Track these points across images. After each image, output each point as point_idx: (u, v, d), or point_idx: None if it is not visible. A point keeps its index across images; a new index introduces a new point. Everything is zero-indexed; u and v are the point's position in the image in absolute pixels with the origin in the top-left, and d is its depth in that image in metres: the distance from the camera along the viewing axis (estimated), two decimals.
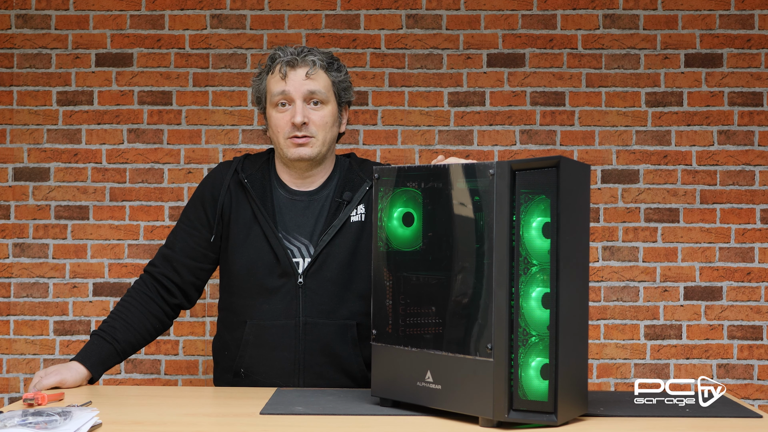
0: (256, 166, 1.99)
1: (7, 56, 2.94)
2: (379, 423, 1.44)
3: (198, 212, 1.97)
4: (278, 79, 1.91)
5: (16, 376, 2.91)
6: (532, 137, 2.93)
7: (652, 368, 2.89)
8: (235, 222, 1.94)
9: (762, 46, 2.92)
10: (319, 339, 1.90)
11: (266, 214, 1.91)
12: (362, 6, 2.94)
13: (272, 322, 1.91)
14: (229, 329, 1.98)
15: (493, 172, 1.38)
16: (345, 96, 1.98)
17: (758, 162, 2.91)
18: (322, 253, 1.90)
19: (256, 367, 1.92)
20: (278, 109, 1.91)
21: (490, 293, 1.37)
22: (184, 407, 1.60)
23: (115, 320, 1.90)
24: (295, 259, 1.91)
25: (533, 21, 2.94)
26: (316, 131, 1.90)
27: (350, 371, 1.93)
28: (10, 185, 2.94)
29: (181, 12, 2.95)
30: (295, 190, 1.96)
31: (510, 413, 1.37)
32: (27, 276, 2.92)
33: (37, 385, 1.70)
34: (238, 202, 1.95)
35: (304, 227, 1.94)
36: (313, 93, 1.90)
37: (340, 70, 1.96)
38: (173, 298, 1.96)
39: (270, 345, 1.91)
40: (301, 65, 1.90)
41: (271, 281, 1.91)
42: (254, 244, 1.92)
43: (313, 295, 1.90)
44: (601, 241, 2.92)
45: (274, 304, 1.91)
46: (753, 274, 2.90)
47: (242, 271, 1.93)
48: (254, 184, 1.94)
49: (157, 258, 1.98)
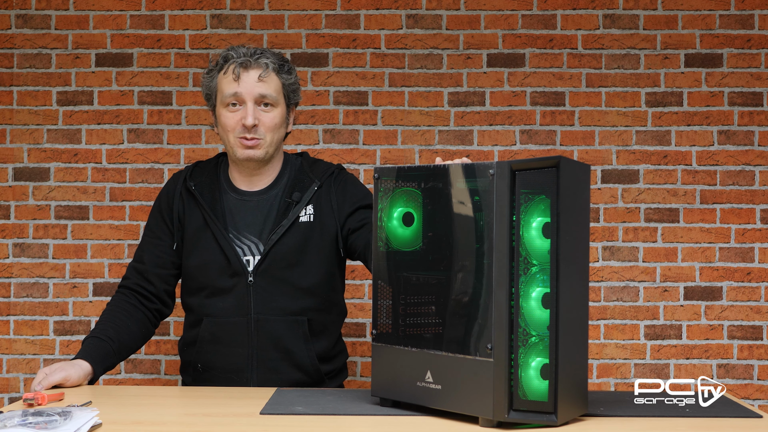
0: (205, 172, 2.06)
1: (7, 56, 2.94)
2: (379, 423, 1.44)
3: (159, 223, 2.05)
4: (231, 80, 1.94)
5: (16, 376, 2.91)
6: (532, 137, 2.93)
7: (652, 368, 2.89)
8: (189, 227, 2.01)
9: (762, 46, 2.92)
10: (271, 335, 1.96)
11: (215, 218, 1.98)
12: (362, 6, 2.94)
13: (226, 319, 1.97)
14: (188, 327, 2.06)
15: (493, 172, 1.38)
16: (293, 98, 2.03)
17: (758, 162, 2.91)
18: (271, 252, 1.96)
19: (212, 363, 2.00)
20: (229, 109, 1.96)
21: (490, 293, 1.37)
22: (184, 407, 1.60)
23: (105, 324, 1.93)
24: (246, 257, 1.97)
25: (533, 21, 2.94)
26: (264, 133, 1.95)
27: (303, 366, 1.98)
28: (10, 185, 2.94)
29: (181, 12, 2.95)
30: (244, 191, 2.03)
31: (510, 413, 1.37)
32: (27, 276, 2.92)
33: (42, 382, 1.70)
34: (190, 209, 2.02)
35: (254, 226, 1.99)
36: (264, 96, 1.94)
37: (291, 72, 2.01)
38: (152, 304, 2.03)
39: (224, 341, 1.98)
40: (254, 67, 1.94)
41: (224, 281, 1.97)
42: (206, 247, 1.99)
43: (263, 293, 1.96)
44: (601, 241, 2.92)
45: (227, 301, 1.97)
46: (753, 274, 2.90)
47: (196, 272, 2.00)
48: (203, 190, 2.01)
49: (129, 272, 2.05)
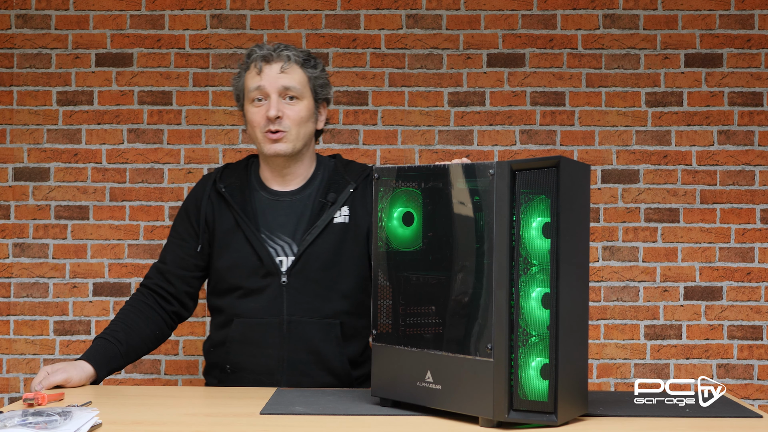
0: (235, 173, 2.04)
1: (7, 56, 2.94)
2: (379, 423, 1.44)
3: (185, 224, 2.03)
4: (254, 75, 1.94)
5: (16, 376, 2.91)
6: (532, 137, 2.93)
7: (652, 368, 2.89)
8: (219, 229, 1.99)
9: (762, 46, 2.92)
10: (303, 337, 1.93)
11: (247, 219, 1.96)
12: (362, 6, 2.94)
13: (258, 320, 1.94)
14: (217, 328, 2.03)
15: (493, 172, 1.38)
16: (322, 93, 2.00)
17: (758, 162, 2.91)
18: (305, 253, 1.93)
19: (242, 364, 1.96)
20: (254, 104, 1.95)
21: (490, 293, 1.37)
22: (184, 407, 1.60)
23: (117, 325, 1.92)
24: (279, 257, 1.94)
25: (533, 21, 2.94)
26: (290, 126, 1.93)
27: (334, 369, 1.95)
28: (10, 185, 2.94)
29: (181, 12, 2.95)
30: (276, 191, 2.00)
31: (510, 413, 1.37)
32: (27, 276, 2.92)
33: (43, 382, 1.70)
34: (220, 211, 2.00)
35: (287, 226, 1.97)
36: (288, 88, 1.93)
37: (317, 66, 1.98)
38: (170, 306, 2.01)
39: (255, 342, 1.94)
40: (276, 60, 1.93)
41: (256, 281, 1.95)
42: (237, 248, 1.97)
43: (296, 294, 1.93)
44: (601, 241, 2.92)
45: (259, 302, 1.94)
46: (753, 274, 2.90)
47: (227, 273, 1.98)
48: (233, 191, 1.99)
49: (151, 272, 2.04)
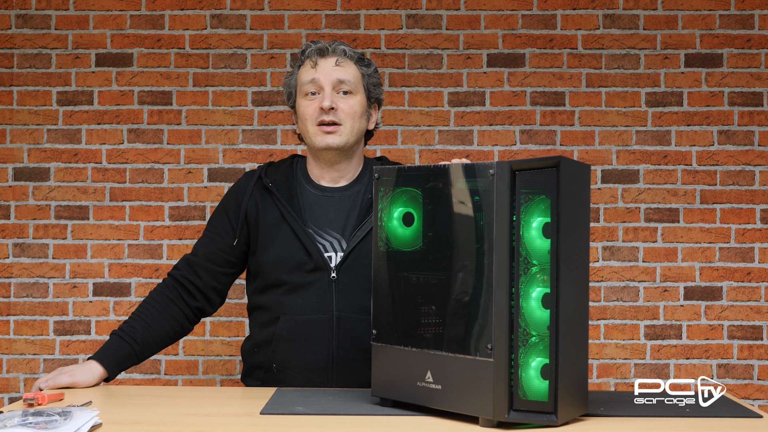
0: (280, 171, 2.02)
1: (7, 56, 2.94)
2: (379, 423, 1.44)
3: (221, 219, 2.00)
4: (308, 68, 1.94)
5: (16, 376, 2.91)
6: (532, 137, 2.93)
7: (652, 368, 2.89)
8: (263, 225, 1.95)
9: (762, 46, 2.92)
10: (353, 333, 1.88)
11: (294, 212, 1.92)
12: (362, 6, 2.94)
13: (306, 317, 1.90)
14: (260, 327, 1.97)
15: (493, 172, 1.38)
16: (374, 92, 2.00)
17: (758, 162, 2.91)
18: (355, 249, 1.90)
19: (290, 362, 1.91)
20: (308, 98, 1.94)
21: (490, 293, 1.37)
22: (184, 407, 1.60)
23: (136, 321, 1.90)
24: (327, 253, 1.91)
25: (533, 21, 2.94)
26: (344, 118, 1.92)
27: None
28: (10, 185, 2.94)
29: (181, 12, 2.95)
30: (325, 187, 1.98)
31: (510, 413, 1.37)
32: (27, 276, 2.92)
33: (48, 382, 1.69)
34: (264, 207, 1.96)
35: (336, 222, 1.94)
36: (342, 82, 1.92)
37: (370, 66, 2.00)
38: (194, 301, 1.97)
39: (303, 339, 1.90)
40: (331, 54, 1.94)
41: (303, 276, 1.91)
42: (284, 242, 1.93)
43: (346, 290, 1.89)
44: (601, 241, 2.92)
45: (307, 298, 1.90)
46: (753, 274, 2.90)
47: (272, 268, 1.93)
48: (279, 186, 1.97)
49: (180, 263, 2.00)
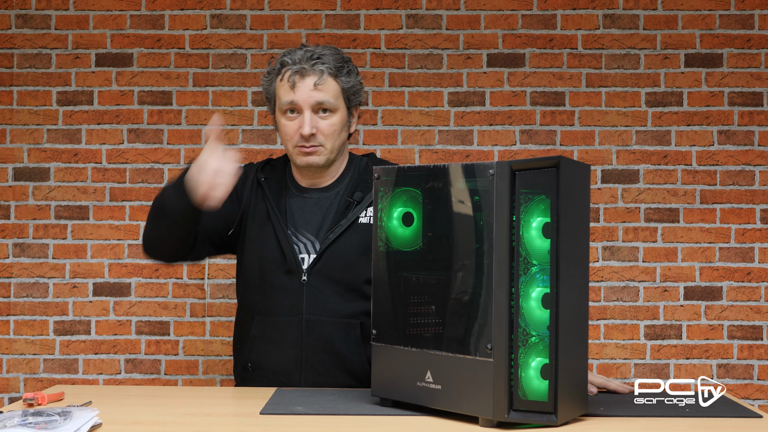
0: (275, 170, 2.05)
1: (7, 56, 2.94)
2: (379, 423, 1.44)
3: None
4: (287, 88, 1.91)
5: (16, 376, 2.91)
6: (532, 137, 2.93)
7: (652, 368, 2.89)
8: (252, 219, 1.99)
9: (762, 46, 2.92)
10: (322, 336, 1.90)
11: (278, 212, 1.95)
12: (362, 6, 2.94)
13: (277, 318, 1.93)
14: (241, 324, 2.02)
15: (493, 172, 1.38)
16: (355, 99, 1.98)
17: (758, 162, 2.91)
18: (327, 251, 1.91)
19: (262, 362, 1.95)
20: (287, 117, 1.93)
21: (490, 293, 1.37)
22: (184, 407, 1.60)
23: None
24: (301, 255, 1.93)
25: (533, 21, 2.94)
26: (324, 140, 1.92)
27: (353, 370, 1.92)
28: (10, 185, 2.94)
29: (181, 12, 2.95)
30: (305, 188, 2.00)
31: (510, 413, 1.37)
32: (27, 276, 2.92)
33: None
34: (257, 201, 2.00)
35: (312, 223, 1.96)
36: (322, 103, 1.90)
37: (350, 74, 1.94)
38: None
39: (274, 340, 1.93)
40: (310, 74, 1.90)
41: (278, 277, 1.93)
42: (265, 241, 1.96)
43: (316, 293, 1.91)
44: (601, 241, 2.92)
45: (279, 300, 1.93)
46: (753, 274, 2.90)
47: (252, 266, 1.97)
48: (271, 185, 2.00)
49: None
